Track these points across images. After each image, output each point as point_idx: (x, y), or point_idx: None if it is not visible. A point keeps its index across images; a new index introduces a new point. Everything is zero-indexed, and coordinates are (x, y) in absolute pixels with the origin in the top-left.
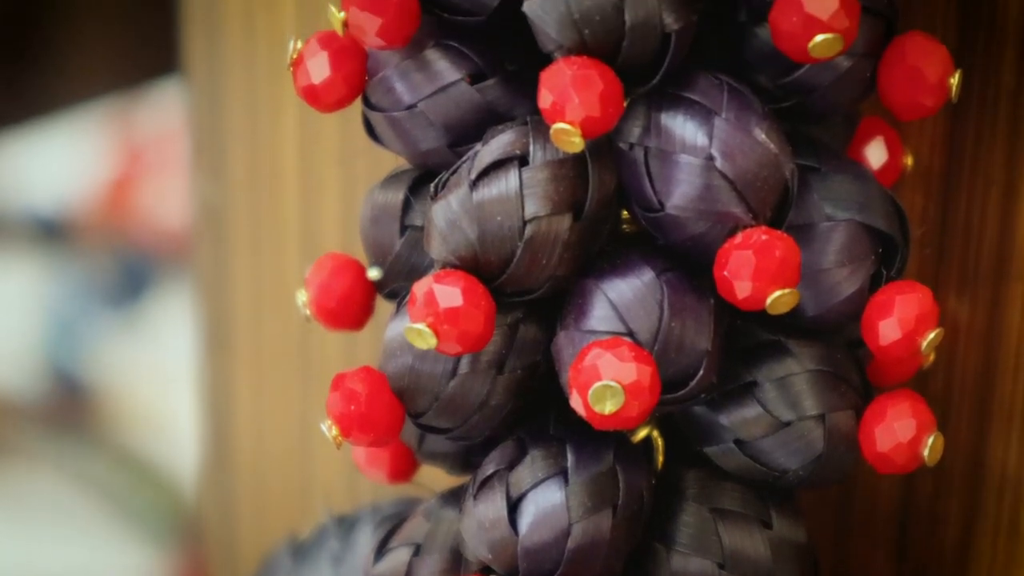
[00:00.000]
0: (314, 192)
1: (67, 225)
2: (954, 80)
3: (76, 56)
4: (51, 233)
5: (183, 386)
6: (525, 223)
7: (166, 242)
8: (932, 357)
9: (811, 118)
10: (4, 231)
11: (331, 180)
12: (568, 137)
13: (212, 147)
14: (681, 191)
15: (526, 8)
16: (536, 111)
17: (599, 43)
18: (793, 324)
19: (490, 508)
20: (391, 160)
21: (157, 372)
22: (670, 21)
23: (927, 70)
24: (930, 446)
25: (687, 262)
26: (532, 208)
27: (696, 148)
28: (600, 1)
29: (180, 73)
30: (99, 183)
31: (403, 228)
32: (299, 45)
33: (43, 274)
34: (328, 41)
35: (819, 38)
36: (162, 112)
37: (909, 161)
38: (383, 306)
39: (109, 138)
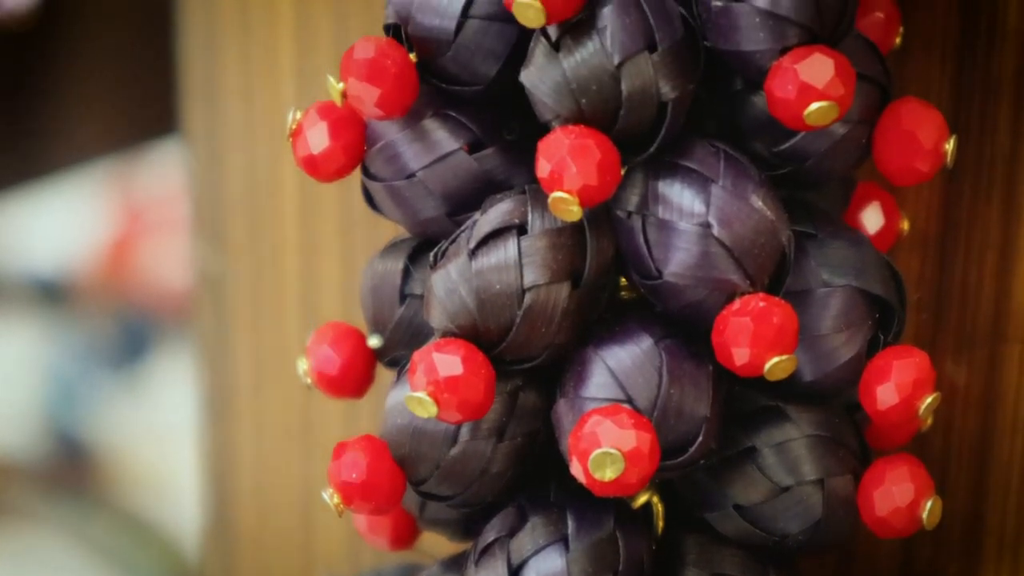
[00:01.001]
0: (314, 259)
1: (67, 287)
2: (949, 145)
3: (76, 117)
4: (51, 295)
5: (184, 448)
6: (524, 291)
7: (166, 303)
8: (930, 421)
9: (807, 184)
10: (4, 293)
11: (331, 248)
12: (566, 206)
13: (212, 210)
14: (679, 258)
15: (523, 78)
16: (534, 180)
17: (596, 112)
18: (791, 389)
19: (491, 575)
20: (390, 229)
21: (158, 433)
22: (666, 90)
23: (922, 136)
24: (929, 510)
25: (685, 329)
26: (531, 277)
27: (693, 215)
28: (597, 71)
29: (180, 134)
30: (99, 244)
31: (403, 296)
32: (298, 115)
33: (44, 335)
34: (327, 111)
35: (814, 106)
36: (162, 173)
37: (905, 225)
38: (384, 373)
39: (109, 199)
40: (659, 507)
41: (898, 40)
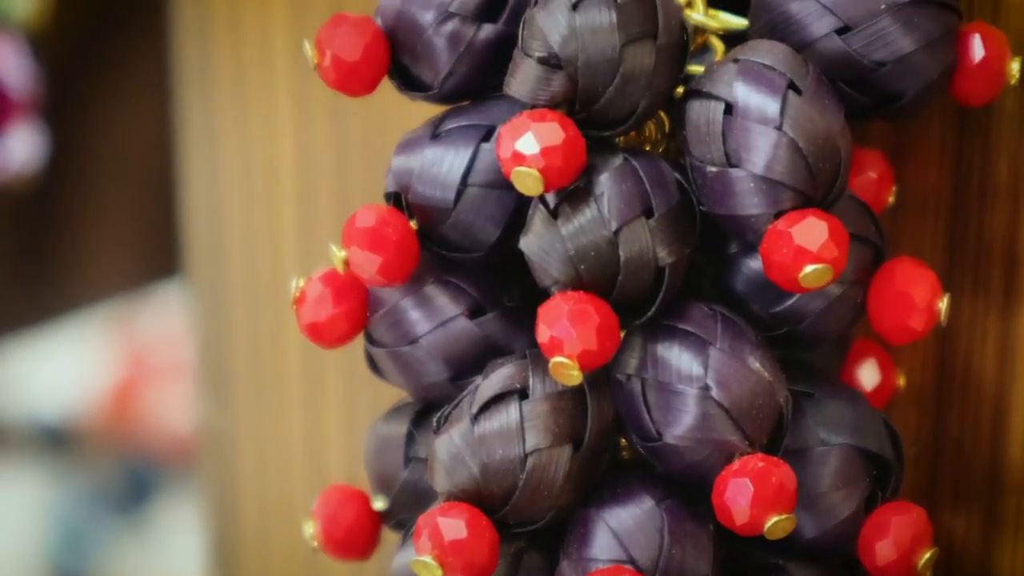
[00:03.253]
0: (318, 417)
1: (71, 432)
2: (943, 304)
3: (79, 261)
4: (56, 440)
5: None
6: (526, 456)
7: (171, 448)
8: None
9: (804, 344)
10: (9, 439)
11: (335, 409)
12: (567, 371)
13: (216, 354)
14: (678, 421)
15: (523, 245)
16: (535, 344)
17: (595, 278)
18: (791, 547)
19: None
20: (393, 392)
21: None
22: (663, 255)
23: (916, 295)
24: None
25: (686, 489)
26: (533, 441)
27: (692, 378)
28: (595, 238)
29: (182, 276)
30: (103, 389)
31: (407, 460)
32: (301, 282)
33: (48, 481)
34: (330, 279)
35: (809, 269)
36: (165, 316)
37: (901, 381)
38: (389, 535)
39: (112, 343)
40: None
41: (891, 199)
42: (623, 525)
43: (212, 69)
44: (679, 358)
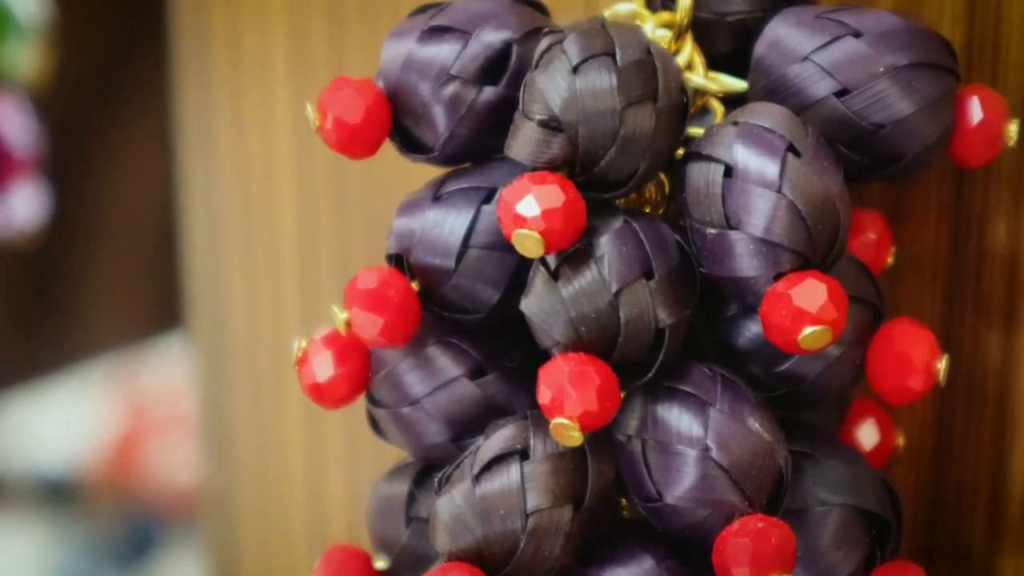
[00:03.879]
0: (320, 475)
1: (73, 485)
2: (941, 364)
3: (81, 314)
4: (57, 493)
5: None
6: (527, 516)
7: (172, 501)
8: None
9: (803, 404)
10: (10, 492)
11: (337, 465)
12: (567, 432)
13: (217, 407)
14: (679, 482)
15: (524, 307)
16: (536, 404)
17: (595, 340)
18: None
19: None
20: (395, 450)
21: None
22: (663, 316)
23: (915, 356)
24: None
25: (686, 549)
26: (534, 501)
27: (692, 439)
28: (595, 300)
29: (185, 329)
30: (104, 442)
31: (408, 520)
32: (303, 344)
33: (50, 534)
34: (332, 340)
35: (808, 330)
36: (167, 368)
37: (900, 441)
38: None
39: (114, 396)
40: None
41: (890, 259)
42: None
43: (213, 126)
44: (679, 419)
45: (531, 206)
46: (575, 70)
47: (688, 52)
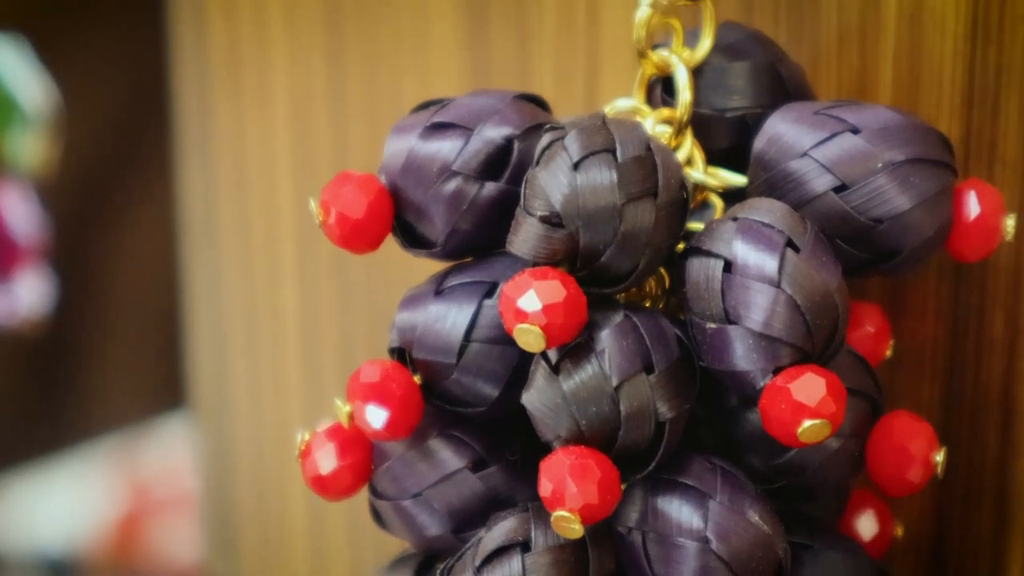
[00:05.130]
0: (322, 561)
1: (75, 565)
2: (939, 456)
3: (82, 393)
4: (59, 573)
5: None
6: None
7: None
8: None
9: (803, 496)
10: (12, 571)
11: (339, 553)
12: (568, 524)
13: (220, 487)
14: (679, 574)
15: (525, 400)
16: (537, 496)
17: (596, 433)
18: None
19: None
20: (397, 540)
21: None
22: (664, 410)
23: (913, 448)
24: None
25: None
26: None
27: (692, 531)
28: (596, 393)
29: (188, 409)
30: (106, 522)
31: None
32: (306, 436)
33: None
34: (334, 433)
35: (807, 424)
36: (170, 448)
37: (899, 532)
38: None
39: (116, 475)
40: None
41: (889, 352)
42: None
43: (217, 211)
44: (679, 511)
45: (532, 301)
46: (576, 167)
47: (688, 147)
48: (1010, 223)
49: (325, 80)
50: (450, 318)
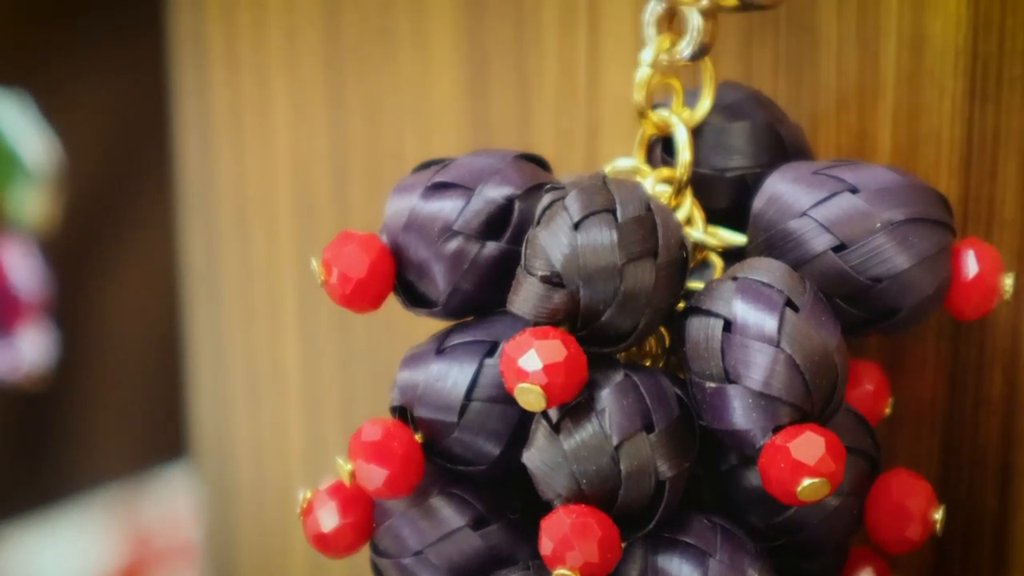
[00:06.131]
0: None
1: None
2: (938, 515)
3: (83, 444)
4: None
5: None
6: None
7: None
8: None
9: (802, 554)
10: None
11: None
12: None
13: (221, 537)
14: None
15: (526, 459)
16: (538, 555)
17: (596, 492)
18: None
19: None
20: None
21: None
22: (664, 469)
23: (912, 506)
24: None
25: None
26: None
27: None
28: (596, 453)
29: (188, 459)
30: (107, 572)
31: None
32: (308, 494)
33: None
34: (336, 491)
35: (806, 483)
36: (170, 499)
37: None
38: None
39: (117, 526)
40: None
41: (888, 410)
42: None
43: (218, 264)
44: (680, 569)
45: (533, 361)
46: (576, 227)
47: (688, 207)
48: (1008, 282)
49: (326, 133)
50: (451, 377)
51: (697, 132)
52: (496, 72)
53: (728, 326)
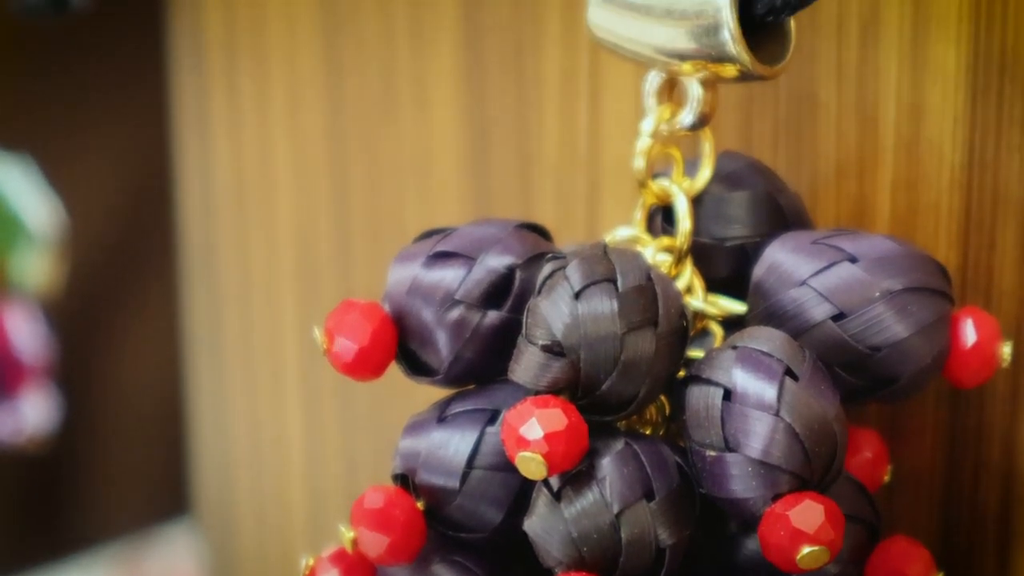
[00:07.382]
0: None
1: None
2: None
3: (85, 502)
4: None
5: None
6: None
7: None
8: None
9: None
10: None
11: None
12: None
13: None
14: None
15: (527, 527)
16: None
17: (597, 560)
18: None
19: None
20: None
21: None
22: (664, 536)
23: (911, 573)
24: None
25: None
26: None
27: None
28: (597, 521)
29: (191, 516)
30: None
31: None
32: (310, 561)
33: None
34: (339, 558)
35: (806, 551)
36: (173, 556)
37: None
38: None
39: None
40: None
41: (887, 477)
42: None
43: (221, 327)
44: None
45: (534, 429)
46: (577, 296)
47: (688, 276)
48: (1007, 350)
49: (328, 201)
50: (453, 445)
51: (697, 201)
52: (497, 138)
53: (728, 395)
